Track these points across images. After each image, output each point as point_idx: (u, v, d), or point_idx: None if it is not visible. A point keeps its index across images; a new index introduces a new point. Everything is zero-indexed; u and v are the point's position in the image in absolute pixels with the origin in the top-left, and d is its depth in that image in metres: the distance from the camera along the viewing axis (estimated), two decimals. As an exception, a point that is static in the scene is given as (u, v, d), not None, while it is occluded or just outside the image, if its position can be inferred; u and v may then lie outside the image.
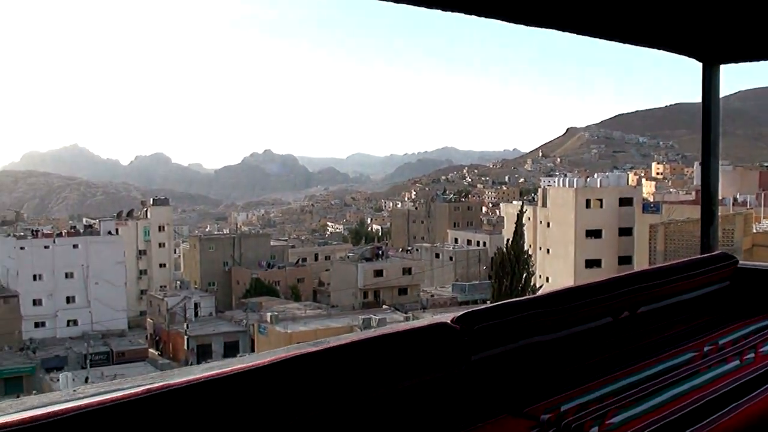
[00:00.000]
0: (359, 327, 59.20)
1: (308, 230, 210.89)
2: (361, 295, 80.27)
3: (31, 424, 1.60)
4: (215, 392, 1.97)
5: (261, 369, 2.10)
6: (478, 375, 2.70)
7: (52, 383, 57.88)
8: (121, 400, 1.80)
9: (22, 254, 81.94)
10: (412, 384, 2.48)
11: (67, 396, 2.24)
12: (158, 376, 2.37)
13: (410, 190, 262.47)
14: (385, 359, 2.45)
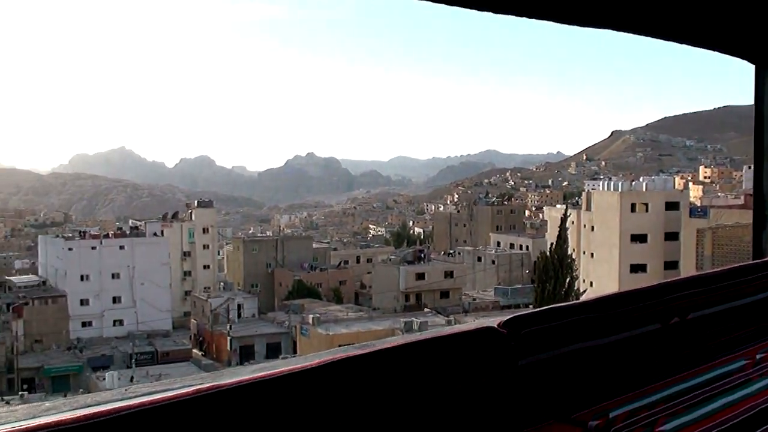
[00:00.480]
0: (401, 330, 59.20)
1: (350, 233, 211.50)
2: (403, 298, 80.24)
3: (85, 422, 1.63)
4: (264, 393, 1.98)
5: (309, 371, 2.09)
6: (525, 380, 2.66)
7: (98, 382, 58.87)
8: (172, 400, 1.81)
9: (70, 255, 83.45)
10: (459, 389, 2.45)
11: (119, 395, 2.27)
12: (208, 376, 2.40)
13: (452, 193, 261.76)
14: (432, 363, 2.42)
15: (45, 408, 2.18)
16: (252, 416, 1.92)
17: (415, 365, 2.37)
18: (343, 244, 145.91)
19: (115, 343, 75.38)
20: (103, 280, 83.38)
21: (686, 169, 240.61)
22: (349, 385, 2.13)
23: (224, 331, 72.08)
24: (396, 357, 2.36)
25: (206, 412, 1.84)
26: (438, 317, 66.88)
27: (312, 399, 2.04)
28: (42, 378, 67.61)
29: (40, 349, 73.34)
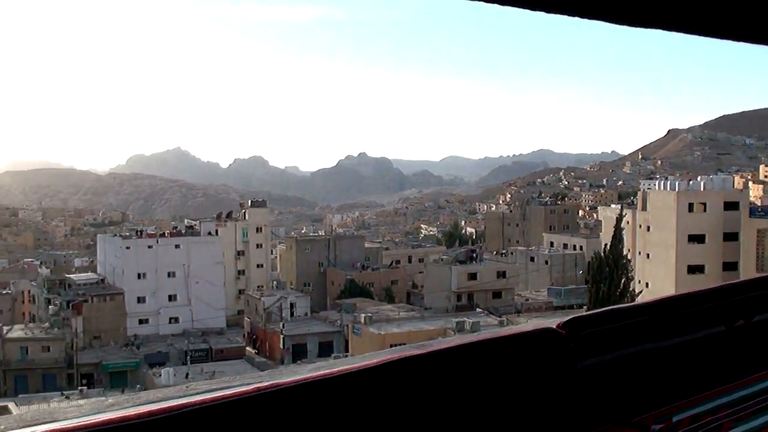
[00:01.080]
0: (453, 330, 59.04)
1: (402, 232, 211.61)
2: (455, 298, 79.96)
3: (148, 418, 1.66)
4: (323, 392, 1.98)
5: (369, 370, 2.09)
6: (585, 382, 2.61)
7: (154, 378, 59.91)
8: (233, 398, 1.82)
9: (127, 253, 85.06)
10: (517, 390, 2.43)
11: (180, 392, 2.32)
12: (266, 375, 2.43)
13: (505, 193, 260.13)
14: (490, 364, 2.40)
15: (109, 404, 2.19)
16: (311, 415, 1.93)
17: (474, 366, 2.35)
18: (394, 244, 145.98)
19: (171, 340, 76.63)
20: (160, 278, 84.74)
21: (746, 168, 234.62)
22: (408, 385, 2.12)
23: (277, 330, 72.74)
24: (454, 357, 2.33)
25: (266, 411, 1.85)
26: (490, 317, 66.52)
27: (370, 398, 2.04)
28: (100, 373, 69.11)
29: (99, 345, 75.01)
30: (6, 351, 71.22)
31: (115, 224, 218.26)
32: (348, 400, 1.99)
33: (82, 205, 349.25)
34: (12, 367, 70.57)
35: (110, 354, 72.68)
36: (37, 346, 72.31)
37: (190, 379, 56.53)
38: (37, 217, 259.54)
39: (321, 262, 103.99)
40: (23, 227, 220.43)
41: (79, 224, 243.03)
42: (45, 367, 70.54)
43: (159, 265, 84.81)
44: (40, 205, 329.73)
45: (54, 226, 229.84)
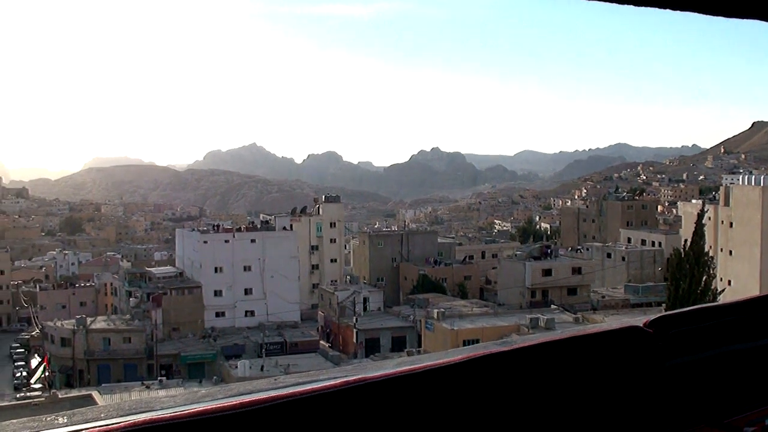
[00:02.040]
0: (526, 326, 58.47)
1: (475, 228, 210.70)
2: (529, 294, 79.09)
3: (241, 409, 1.72)
4: (409, 387, 2.01)
5: (453, 366, 2.09)
6: (673, 382, 2.54)
7: (231, 370, 61.03)
8: (321, 391, 1.87)
9: (204, 248, 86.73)
10: (603, 388, 2.39)
11: (270, 384, 2.35)
12: (353, 369, 2.43)
13: (581, 188, 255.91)
14: (576, 362, 2.38)
15: (202, 394, 2.24)
16: (396, 409, 1.96)
17: (558, 364, 2.31)
18: (468, 239, 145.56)
19: (247, 333, 77.88)
20: (236, 272, 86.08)
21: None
22: (492, 382, 2.15)
23: (350, 324, 73.22)
24: (539, 355, 2.30)
25: (353, 404, 1.90)
26: (565, 314, 65.59)
27: (454, 395, 2.06)
28: (179, 364, 70.75)
29: (177, 337, 76.76)
30: (90, 341, 73.60)
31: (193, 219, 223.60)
32: (432, 395, 2.02)
33: (162, 201, 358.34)
34: (95, 357, 72.93)
35: (188, 346, 74.33)
36: (119, 337, 74.49)
37: (265, 372, 57.40)
38: (119, 212, 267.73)
39: (394, 257, 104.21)
40: (105, 222, 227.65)
41: (158, 219, 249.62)
42: (126, 358, 72.64)
43: (235, 259, 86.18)
44: (122, 200, 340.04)
45: (135, 220, 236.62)
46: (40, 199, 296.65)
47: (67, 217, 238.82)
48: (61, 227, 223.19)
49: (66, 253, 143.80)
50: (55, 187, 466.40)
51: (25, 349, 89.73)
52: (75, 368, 73.38)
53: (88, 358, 72.94)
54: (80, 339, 73.41)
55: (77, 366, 73.29)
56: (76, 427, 1.76)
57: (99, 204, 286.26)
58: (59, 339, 75.07)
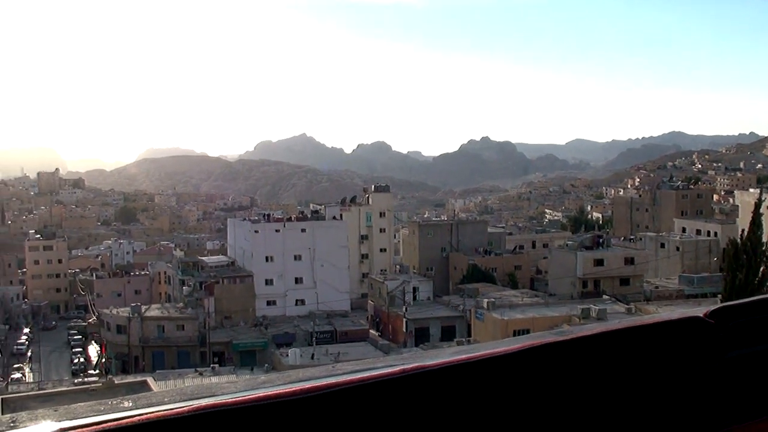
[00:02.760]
0: (578, 317, 57.86)
1: (526, 217, 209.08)
2: (580, 285, 78.16)
3: (301, 395, 1.78)
4: (466, 376, 2.02)
5: (510, 355, 2.09)
6: (734, 374, 2.47)
7: (281, 358, 61.61)
8: (378, 379, 1.90)
9: (256, 237, 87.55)
10: (662, 379, 2.35)
11: (327, 372, 2.34)
12: (410, 357, 2.43)
13: (633, 177, 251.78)
14: (634, 352, 2.33)
15: (261, 381, 2.28)
16: (453, 398, 1.97)
17: (616, 354, 2.28)
18: (518, 229, 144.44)
19: (297, 321, 78.55)
20: (286, 261, 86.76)
21: None
22: (549, 372, 2.15)
23: (400, 313, 73.30)
24: (596, 345, 2.27)
25: (411, 392, 1.92)
26: (617, 305, 64.71)
27: (512, 383, 2.07)
28: (231, 352, 71.69)
29: (229, 325, 77.77)
30: (144, 329, 75.04)
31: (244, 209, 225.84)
32: (490, 384, 2.03)
33: (213, 191, 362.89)
34: (150, 344, 74.33)
35: (240, 334, 75.26)
36: (172, 324, 75.79)
37: (315, 360, 57.83)
38: (172, 201, 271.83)
39: (443, 247, 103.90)
40: (159, 212, 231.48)
41: (210, 209, 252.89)
42: (180, 345, 73.89)
43: (286, 248, 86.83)
44: (174, 190, 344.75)
45: (187, 210, 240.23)
46: (95, 190, 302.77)
47: (121, 207, 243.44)
48: (116, 217, 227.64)
49: (121, 243, 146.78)
50: (110, 177, 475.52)
51: (82, 336, 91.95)
52: (130, 355, 74.91)
53: (143, 345, 74.39)
54: (135, 326, 74.90)
55: (132, 352, 74.82)
56: (140, 411, 1.81)
57: (152, 194, 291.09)
58: (115, 326, 76.71)
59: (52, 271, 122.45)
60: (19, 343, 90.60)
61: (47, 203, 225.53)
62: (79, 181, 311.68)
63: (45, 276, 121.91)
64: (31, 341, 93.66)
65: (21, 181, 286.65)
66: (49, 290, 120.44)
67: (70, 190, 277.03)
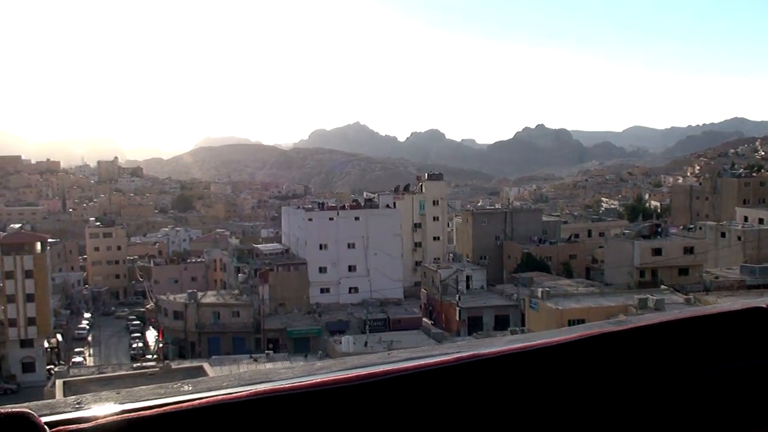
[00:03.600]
0: (635, 307, 56.79)
1: (581, 206, 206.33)
2: (637, 274, 76.86)
3: (358, 382, 1.81)
4: (522, 365, 2.03)
5: (568, 345, 2.10)
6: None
7: (335, 345, 61.92)
8: (434, 366, 1.92)
9: (310, 225, 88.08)
10: (724, 370, 2.30)
11: (383, 359, 2.36)
12: (465, 345, 2.36)
13: (693, 165, 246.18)
14: (696, 343, 2.29)
15: (318, 367, 2.29)
16: (509, 386, 1.99)
17: (678, 344, 2.29)
18: (573, 218, 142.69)
19: (351, 309, 78.90)
20: (340, 249, 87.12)
21: None
22: (607, 362, 2.16)
23: (453, 302, 73.05)
24: (657, 335, 2.28)
25: (466, 380, 1.94)
26: (676, 295, 63.36)
27: (569, 373, 2.08)
28: (285, 338, 72.37)
29: (284, 312, 78.51)
30: (200, 315, 76.21)
31: (298, 197, 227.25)
32: (546, 373, 2.04)
33: (268, 179, 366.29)
34: (206, 330, 75.50)
35: (294, 321, 75.90)
36: (228, 311, 76.82)
37: (368, 348, 57.96)
38: (227, 190, 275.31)
39: (497, 236, 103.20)
40: (215, 200, 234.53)
41: (265, 197, 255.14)
42: (235, 331, 74.90)
43: (339, 236, 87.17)
44: (230, 178, 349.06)
45: (242, 198, 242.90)
46: (153, 178, 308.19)
47: (178, 195, 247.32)
48: (173, 205, 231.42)
49: (178, 230, 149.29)
50: (167, 166, 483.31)
51: (140, 322, 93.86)
52: (187, 340, 76.21)
53: (199, 330, 75.59)
54: (192, 312, 76.12)
55: (189, 338, 76.11)
56: (200, 395, 1.87)
57: (209, 183, 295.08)
58: (172, 312, 78.10)
59: (111, 257, 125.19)
60: (80, 328, 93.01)
61: (107, 191, 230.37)
62: (137, 170, 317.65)
63: (105, 262, 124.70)
64: (91, 326, 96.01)
65: (82, 169, 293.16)
66: (108, 276, 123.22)
67: (128, 179, 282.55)
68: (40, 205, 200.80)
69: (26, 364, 70.44)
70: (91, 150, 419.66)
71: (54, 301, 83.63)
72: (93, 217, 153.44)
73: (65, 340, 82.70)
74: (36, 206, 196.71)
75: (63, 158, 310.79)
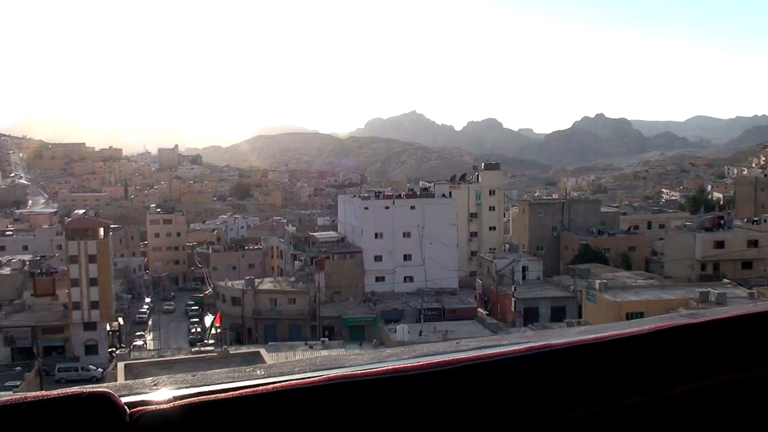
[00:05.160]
0: (695, 300, 55.62)
1: (641, 197, 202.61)
2: (699, 267, 75.23)
3: (429, 370, 1.83)
4: (593, 356, 2.03)
5: (642, 336, 2.09)
6: None
7: (390, 334, 62.07)
8: (504, 356, 1.95)
9: (365, 214, 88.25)
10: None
11: (452, 347, 2.37)
12: (534, 335, 2.42)
13: (759, 156, 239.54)
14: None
15: (387, 354, 2.34)
16: (582, 376, 2.00)
17: (752, 338, 2.27)
18: (633, 209, 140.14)
19: (406, 298, 78.94)
20: (396, 238, 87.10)
21: None
22: (681, 354, 2.15)
23: (509, 292, 72.56)
24: (733, 328, 2.26)
25: (537, 369, 1.96)
26: (739, 289, 61.86)
27: (642, 364, 2.08)
28: (340, 326, 72.81)
29: (339, 299, 78.99)
30: (258, 302, 77.17)
31: (354, 186, 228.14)
32: (619, 364, 2.04)
33: (325, 168, 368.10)
34: (263, 317, 76.43)
35: (349, 309, 76.30)
36: (284, 298, 77.62)
37: (423, 337, 57.98)
38: (285, 178, 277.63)
39: (554, 226, 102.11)
40: (272, 188, 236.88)
41: (321, 185, 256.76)
42: (291, 318, 75.65)
43: (395, 225, 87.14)
44: (287, 167, 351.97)
45: (299, 187, 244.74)
46: (212, 166, 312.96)
47: (236, 183, 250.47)
48: (231, 192, 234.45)
49: (236, 217, 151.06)
50: (226, 154, 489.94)
51: (199, 307, 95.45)
52: (244, 326, 77.27)
53: (256, 317, 76.55)
54: (249, 299, 77.14)
55: (246, 324, 77.15)
56: (273, 379, 1.92)
57: (266, 171, 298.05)
58: (230, 298, 79.28)
59: (171, 244, 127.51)
60: (140, 312, 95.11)
61: (167, 179, 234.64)
62: (196, 158, 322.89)
63: (165, 248, 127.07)
64: (151, 310, 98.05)
65: (143, 157, 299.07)
66: (168, 262, 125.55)
67: (188, 166, 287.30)
68: (103, 191, 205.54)
69: (89, 346, 72.33)
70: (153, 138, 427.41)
71: (116, 285, 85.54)
72: (153, 203, 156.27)
73: (126, 323, 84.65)
74: (99, 193, 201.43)
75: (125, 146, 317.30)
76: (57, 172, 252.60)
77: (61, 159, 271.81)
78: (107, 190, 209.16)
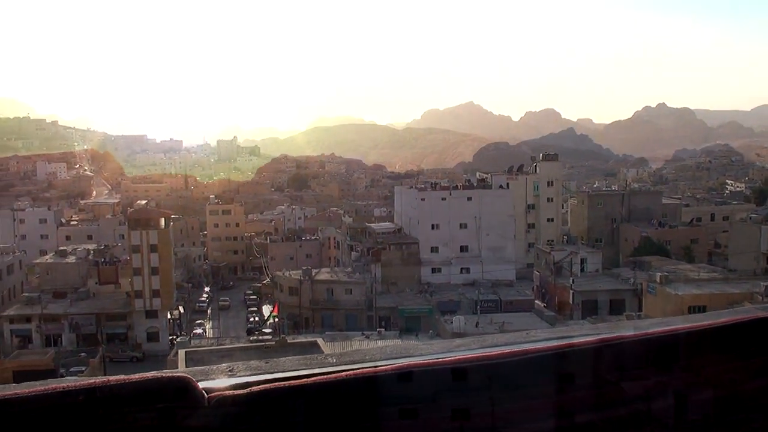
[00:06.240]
0: (760, 294, 54.22)
1: (704, 188, 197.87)
2: (764, 260, 73.27)
3: (501, 359, 1.87)
4: (666, 347, 2.04)
5: (721, 329, 2.08)
6: None
7: (446, 325, 61.95)
8: (578, 346, 1.97)
9: (422, 205, 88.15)
10: None
11: (522, 338, 2.35)
12: (605, 327, 2.38)
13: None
14: None
15: (456, 344, 2.32)
16: (653, 367, 2.01)
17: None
18: (695, 200, 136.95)
19: (462, 289, 78.59)
20: (452, 229, 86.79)
21: None
22: (756, 347, 2.13)
23: (567, 284, 71.72)
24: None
25: (610, 358, 1.98)
26: (807, 283, 60.04)
27: (716, 357, 2.08)
28: (396, 317, 72.91)
29: (395, 290, 79.09)
30: (315, 291, 77.77)
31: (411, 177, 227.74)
32: (694, 356, 2.05)
33: (381, 159, 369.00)
34: (320, 306, 77.01)
35: (405, 299, 76.34)
36: (341, 288, 78.06)
37: (480, 328, 57.71)
38: (341, 169, 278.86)
39: (614, 218, 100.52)
40: (329, 179, 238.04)
41: (377, 176, 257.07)
42: (348, 308, 76.04)
43: (451, 216, 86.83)
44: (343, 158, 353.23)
45: (356, 177, 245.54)
46: (270, 157, 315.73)
47: (294, 174, 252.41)
48: (288, 183, 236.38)
49: (293, 208, 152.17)
50: (283, 145, 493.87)
51: (257, 296, 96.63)
52: (301, 316, 77.95)
53: (313, 306, 77.16)
54: (306, 289, 77.79)
55: (303, 314, 77.81)
56: (344, 367, 1.94)
57: (323, 162, 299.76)
58: (287, 288, 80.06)
59: (229, 234, 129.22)
60: (200, 301, 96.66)
61: (226, 170, 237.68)
62: (254, 149, 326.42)
63: (223, 238, 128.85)
64: (211, 299, 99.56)
65: (203, 148, 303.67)
66: (227, 252, 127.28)
67: (246, 158, 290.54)
68: (164, 182, 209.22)
69: (151, 333, 73.91)
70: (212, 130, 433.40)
71: (176, 274, 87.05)
72: (213, 194, 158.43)
73: (186, 312, 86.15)
74: (160, 183, 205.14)
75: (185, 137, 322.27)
76: (120, 164, 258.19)
77: (124, 150, 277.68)
78: (168, 181, 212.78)
